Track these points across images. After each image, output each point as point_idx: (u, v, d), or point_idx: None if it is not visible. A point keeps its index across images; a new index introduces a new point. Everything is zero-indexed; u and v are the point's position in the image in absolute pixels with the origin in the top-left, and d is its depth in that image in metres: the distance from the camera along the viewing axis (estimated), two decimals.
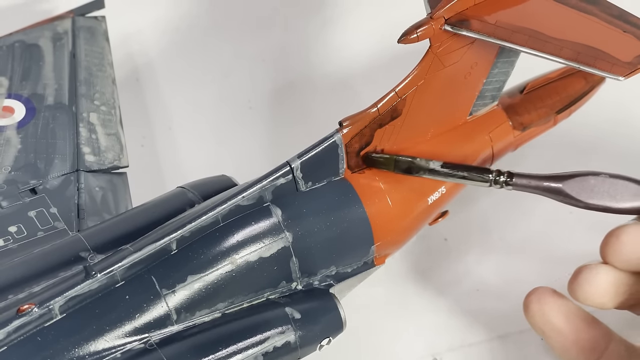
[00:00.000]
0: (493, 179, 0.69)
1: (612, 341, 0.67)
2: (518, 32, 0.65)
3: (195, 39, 1.02)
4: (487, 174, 0.69)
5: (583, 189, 0.67)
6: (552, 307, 0.67)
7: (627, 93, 0.84)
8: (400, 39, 0.65)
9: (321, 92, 0.97)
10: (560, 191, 0.67)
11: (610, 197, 0.67)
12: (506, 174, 0.68)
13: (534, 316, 0.68)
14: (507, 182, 0.68)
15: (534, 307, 0.68)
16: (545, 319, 0.67)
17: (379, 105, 0.66)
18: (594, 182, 0.67)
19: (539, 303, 0.67)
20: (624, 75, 0.62)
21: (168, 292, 0.61)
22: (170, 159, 0.91)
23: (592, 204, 0.67)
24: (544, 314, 0.67)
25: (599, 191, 0.67)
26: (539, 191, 0.68)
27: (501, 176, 0.68)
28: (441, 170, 0.69)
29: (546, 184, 0.68)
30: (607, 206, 0.67)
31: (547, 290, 0.68)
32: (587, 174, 0.67)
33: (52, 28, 0.89)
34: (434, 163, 0.69)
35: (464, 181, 0.70)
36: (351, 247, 0.68)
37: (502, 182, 0.68)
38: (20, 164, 0.74)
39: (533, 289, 0.68)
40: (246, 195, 0.63)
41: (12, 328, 0.56)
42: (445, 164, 0.69)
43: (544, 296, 0.67)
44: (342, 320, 0.66)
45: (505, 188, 0.69)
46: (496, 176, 0.68)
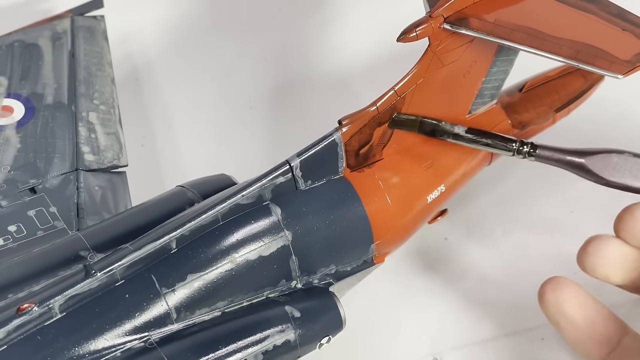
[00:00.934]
0: (516, 149, 0.69)
1: (626, 335, 0.67)
2: (517, 31, 0.65)
3: (194, 38, 1.02)
4: (511, 143, 0.69)
5: (605, 166, 0.67)
6: (567, 297, 0.66)
7: (626, 91, 0.84)
8: (400, 38, 0.65)
9: (320, 90, 0.97)
10: (583, 166, 0.67)
11: (631, 176, 0.67)
12: (530, 144, 0.68)
13: (548, 305, 0.67)
14: (530, 152, 0.68)
15: (548, 296, 0.67)
16: (560, 309, 0.67)
17: (378, 104, 0.66)
18: (617, 159, 0.67)
19: (554, 292, 0.67)
20: (623, 73, 0.62)
21: (168, 290, 0.61)
22: (170, 158, 0.91)
23: (612, 182, 0.67)
24: (559, 304, 0.66)
25: (621, 169, 0.67)
26: (561, 164, 0.68)
27: (525, 146, 0.68)
28: (465, 136, 0.69)
29: (569, 158, 0.68)
30: (627, 185, 0.67)
31: (563, 280, 0.67)
32: (611, 152, 0.67)
33: (51, 27, 0.89)
34: (459, 128, 0.69)
35: (487, 148, 0.70)
36: (351, 245, 0.68)
37: (525, 152, 0.68)
38: (19, 163, 0.74)
39: (549, 278, 0.68)
40: (246, 194, 0.63)
41: (12, 327, 0.56)
42: (469, 130, 0.69)
43: (560, 285, 0.67)
44: (341, 318, 0.66)
45: (527, 158, 0.69)
46: (520, 146, 0.68)
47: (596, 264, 0.66)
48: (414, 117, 0.69)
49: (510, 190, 0.86)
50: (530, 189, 0.86)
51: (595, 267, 0.66)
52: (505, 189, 0.86)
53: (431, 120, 0.69)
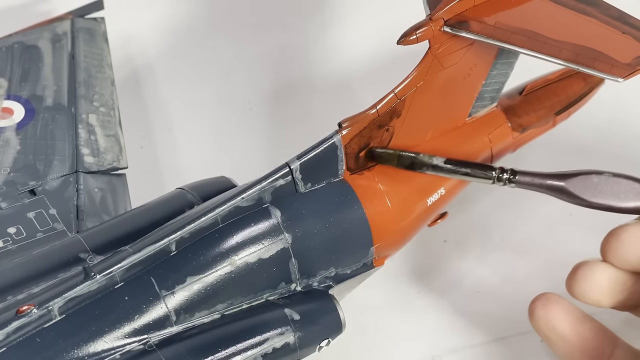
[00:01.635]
0: (496, 176, 0.69)
1: (617, 347, 0.67)
2: (517, 34, 0.65)
3: (194, 40, 1.02)
4: (490, 171, 0.69)
5: (586, 188, 0.67)
6: (557, 314, 0.67)
7: (627, 94, 0.84)
8: (400, 40, 0.65)
9: (320, 93, 0.97)
10: (563, 189, 0.67)
11: (613, 196, 0.66)
12: (509, 171, 0.68)
13: (538, 322, 0.67)
14: (510, 179, 0.68)
15: (539, 313, 0.67)
16: (550, 325, 0.67)
17: (379, 107, 0.66)
18: (597, 180, 0.67)
19: (544, 309, 0.67)
20: (623, 77, 0.62)
21: (167, 293, 0.61)
22: (170, 160, 0.91)
23: (594, 203, 0.67)
24: (549, 320, 0.67)
25: (602, 190, 0.67)
26: (542, 189, 0.68)
27: (504, 173, 0.68)
28: (444, 167, 0.69)
29: (549, 182, 0.68)
30: (610, 205, 0.67)
31: (553, 297, 0.67)
32: (591, 173, 0.67)
33: (51, 29, 0.89)
34: (437, 159, 0.69)
35: (467, 178, 0.70)
36: (350, 248, 0.68)
37: (505, 180, 0.68)
38: (19, 165, 0.74)
39: (538, 295, 0.68)
40: (245, 196, 0.63)
41: (11, 329, 0.56)
42: (448, 160, 0.69)
43: (549, 302, 0.67)
44: (341, 321, 0.66)
45: (508, 185, 0.69)
46: (499, 173, 0.68)
47: (586, 290, 0.66)
48: (392, 151, 0.69)
49: (510, 194, 0.86)
50: (528, 191, 0.86)
51: (585, 293, 0.66)
52: (504, 192, 0.86)
53: (409, 153, 0.69)
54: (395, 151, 0.69)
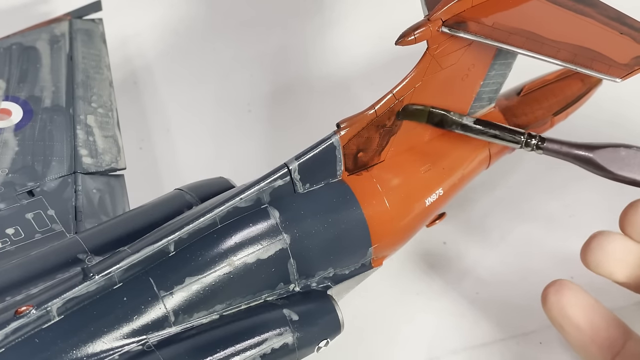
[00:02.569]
0: (525, 141, 0.69)
1: (629, 339, 0.67)
2: (515, 34, 0.65)
3: (193, 41, 1.02)
4: (519, 135, 0.69)
5: (614, 160, 0.67)
6: (570, 300, 0.66)
7: (625, 95, 0.84)
8: (398, 41, 0.65)
9: (319, 94, 0.97)
10: (591, 160, 0.67)
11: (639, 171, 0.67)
12: (537, 137, 0.68)
13: (551, 308, 0.67)
14: (537, 145, 0.68)
15: (551, 299, 0.66)
16: (563, 312, 0.66)
17: (377, 107, 0.66)
18: (624, 154, 0.67)
19: (556, 295, 0.66)
20: (621, 77, 0.62)
21: (166, 293, 0.61)
22: (168, 161, 0.91)
23: (620, 175, 0.67)
24: (562, 307, 0.66)
25: (629, 163, 0.67)
26: (569, 158, 0.68)
27: (532, 139, 0.68)
28: (473, 127, 0.70)
29: (577, 152, 0.68)
30: (635, 179, 0.67)
31: (566, 283, 0.66)
32: (619, 146, 0.67)
33: (49, 30, 0.89)
34: (467, 119, 0.70)
35: (495, 140, 0.70)
36: (349, 248, 0.68)
37: (533, 145, 0.69)
38: (17, 166, 0.74)
39: (552, 281, 0.67)
40: (244, 197, 0.63)
41: (9, 330, 0.56)
42: (478, 120, 0.70)
43: (563, 288, 0.66)
44: (339, 322, 0.66)
45: (535, 151, 0.69)
46: (527, 138, 0.68)
47: (600, 260, 0.65)
48: (423, 107, 0.69)
49: (509, 194, 0.86)
50: (528, 192, 0.86)
51: (598, 263, 0.65)
52: (503, 192, 0.86)
53: (439, 110, 0.69)
54: (426, 107, 0.69)
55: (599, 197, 0.84)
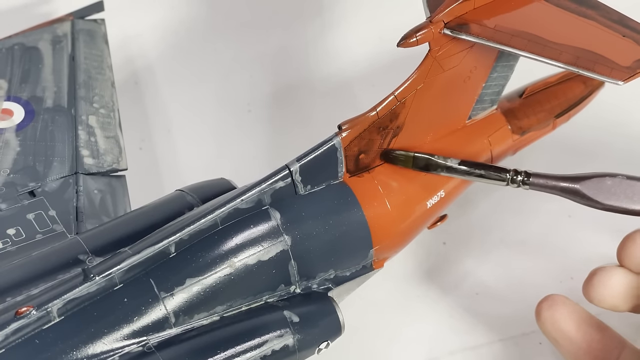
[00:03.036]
0: (510, 178, 0.69)
1: (624, 349, 0.67)
2: (517, 36, 0.65)
3: (194, 42, 1.02)
4: (505, 173, 0.69)
5: (600, 190, 0.67)
6: (564, 315, 0.67)
7: (627, 97, 0.84)
8: (400, 43, 0.65)
9: (320, 95, 0.97)
10: (577, 192, 0.67)
11: (627, 199, 0.67)
12: (523, 173, 0.68)
13: (545, 323, 0.67)
14: (524, 181, 0.68)
15: (545, 314, 0.67)
16: (557, 326, 0.67)
17: (378, 109, 0.66)
18: (610, 183, 0.67)
19: (550, 310, 0.67)
20: (623, 80, 0.62)
21: (166, 295, 0.61)
22: (169, 162, 0.91)
23: (609, 205, 0.67)
24: (555, 322, 0.67)
25: (615, 192, 0.67)
26: (556, 191, 0.68)
27: (518, 175, 0.69)
28: (459, 168, 0.70)
29: (563, 185, 0.68)
30: (624, 208, 0.67)
31: (559, 298, 0.67)
32: (604, 175, 0.67)
33: (51, 31, 0.89)
34: (452, 161, 0.70)
35: (481, 180, 0.70)
36: (350, 250, 0.68)
37: (519, 181, 0.69)
38: (19, 166, 0.74)
39: (545, 296, 0.68)
40: (245, 198, 0.63)
41: (10, 331, 0.56)
42: (463, 162, 0.70)
43: (555, 303, 0.67)
44: (340, 324, 0.66)
45: (522, 187, 0.69)
46: (513, 175, 0.69)
47: (603, 295, 0.66)
48: (407, 153, 0.69)
49: (510, 196, 0.86)
50: (528, 194, 0.86)
51: (602, 298, 0.66)
52: (503, 194, 0.86)
53: (423, 155, 0.70)
54: (410, 153, 0.69)
55: None
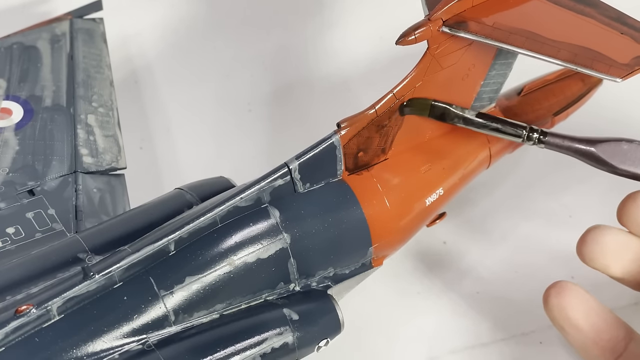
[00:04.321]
0: (526, 135, 0.69)
1: (632, 340, 0.66)
2: (515, 34, 0.65)
3: (193, 41, 1.02)
4: (521, 129, 0.69)
5: (615, 154, 0.67)
6: (571, 302, 0.65)
7: (625, 95, 0.84)
8: (398, 41, 0.65)
9: (319, 93, 0.97)
10: (592, 154, 0.67)
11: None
12: (539, 131, 0.68)
13: (552, 310, 0.66)
14: (540, 139, 0.68)
15: (552, 301, 0.66)
16: (564, 314, 0.66)
17: (377, 107, 0.66)
18: (627, 148, 0.67)
19: (558, 297, 0.66)
20: (621, 77, 0.63)
21: (166, 293, 0.61)
22: (168, 160, 0.91)
23: (621, 169, 0.67)
24: (563, 309, 0.66)
25: (630, 157, 0.67)
26: (571, 152, 0.68)
27: (534, 132, 0.68)
28: (475, 120, 0.70)
29: (579, 146, 0.68)
30: (636, 173, 0.67)
31: (567, 284, 0.66)
32: (621, 140, 0.67)
33: (50, 30, 0.89)
34: (469, 112, 0.70)
35: (496, 133, 0.70)
36: (349, 248, 0.68)
37: (535, 139, 0.68)
38: (18, 165, 0.74)
39: (554, 282, 0.67)
40: (244, 196, 0.63)
41: (10, 329, 0.56)
42: (479, 114, 0.70)
43: (564, 290, 0.66)
44: (340, 321, 0.66)
45: (537, 145, 0.69)
46: (529, 132, 0.68)
47: (595, 253, 0.65)
48: (425, 100, 0.69)
49: (509, 194, 0.86)
50: (528, 192, 0.86)
51: (594, 256, 0.65)
52: (503, 192, 0.86)
53: (442, 103, 0.69)
54: (428, 100, 0.69)
55: (598, 197, 0.84)
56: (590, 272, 0.69)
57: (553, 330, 0.71)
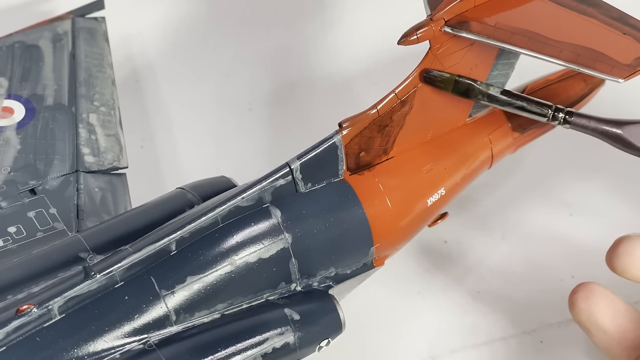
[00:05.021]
0: (552, 114, 0.67)
1: None
2: (517, 34, 0.65)
3: (195, 40, 1.02)
4: (546, 109, 0.67)
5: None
6: (600, 306, 0.65)
7: (627, 95, 0.84)
8: (400, 41, 0.65)
9: (321, 93, 0.97)
10: (618, 136, 0.66)
11: None
12: (566, 111, 0.67)
13: (579, 314, 0.65)
14: (565, 119, 0.67)
15: (581, 306, 0.65)
16: (593, 318, 0.65)
17: (379, 107, 0.66)
18: None
19: (587, 302, 0.65)
20: (624, 77, 0.62)
21: (167, 292, 0.61)
22: (170, 160, 0.91)
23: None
24: (592, 314, 0.65)
25: None
26: (596, 134, 0.67)
27: (560, 112, 0.67)
28: (500, 97, 0.68)
29: (605, 128, 0.66)
30: None
31: (596, 288, 0.65)
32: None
33: (52, 29, 0.89)
34: (494, 89, 0.68)
35: (521, 112, 0.68)
36: (350, 248, 0.68)
37: (560, 118, 0.67)
38: (19, 164, 0.74)
39: (580, 286, 0.66)
40: (246, 196, 0.63)
41: (11, 328, 0.56)
42: (505, 91, 0.68)
43: (593, 295, 0.65)
44: (341, 321, 0.66)
45: (563, 125, 0.67)
46: (555, 111, 0.67)
47: (627, 265, 0.64)
48: (449, 75, 0.68)
49: (511, 194, 0.86)
50: (530, 192, 0.86)
51: (625, 268, 0.64)
52: (505, 193, 0.86)
53: (466, 79, 0.68)
54: (452, 75, 0.68)
55: (599, 196, 0.84)
56: (590, 271, 0.69)
57: (554, 329, 0.71)
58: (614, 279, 0.68)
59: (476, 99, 0.69)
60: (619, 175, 0.86)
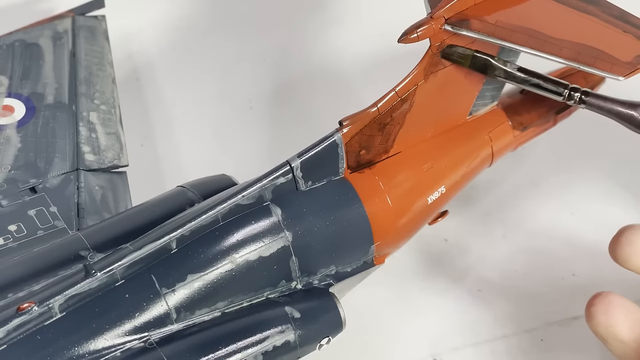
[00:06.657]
0: (568, 93, 0.67)
1: None
2: (518, 32, 0.65)
3: (195, 38, 1.02)
4: (562, 88, 0.67)
5: None
6: (620, 319, 0.63)
7: (627, 93, 0.84)
8: (401, 39, 0.65)
9: (321, 91, 0.97)
10: (633, 118, 0.66)
11: None
12: (581, 90, 0.67)
13: (598, 326, 0.64)
14: (581, 98, 0.67)
15: (600, 318, 0.63)
16: (611, 330, 0.64)
17: (379, 105, 0.66)
18: None
19: (606, 315, 0.63)
20: (624, 75, 0.62)
21: (168, 291, 0.61)
22: (170, 158, 0.91)
23: None
24: (611, 326, 0.63)
25: None
26: (611, 115, 0.67)
27: (576, 92, 0.67)
28: (517, 75, 0.68)
29: (620, 109, 0.66)
30: None
31: (615, 299, 0.64)
32: None
33: (52, 27, 0.89)
34: (511, 65, 0.68)
35: (537, 90, 0.68)
36: (351, 246, 0.68)
37: (576, 98, 0.67)
38: (20, 162, 0.74)
39: (598, 296, 0.64)
40: (246, 194, 0.63)
41: (12, 326, 0.56)
42: (521, 68, 0.68)
43: (612, 307, 0.63)
44: (341, 319, 0.66)
45: (578, 105, 0.67)
46: (571, 91, 0.67)
47: (629, 254, 0.63)
48: (467, 50, 0.68)
49: (511, 192, 0.86)
50: (530, 190, 0.86)
51: (627, 257, 0.64)
52: (506, 191, 0.86)
53: (484, 55, 0.68)
54: (470, 50, 0.68)
55: (601, 195, 0.84)
56: (590, 270, 0.69)
57: (554, 327, 0.71)
58: (615, 277, 0.68)
59: (493, 74, 0.68)
60: (620, 173, 0.86)
